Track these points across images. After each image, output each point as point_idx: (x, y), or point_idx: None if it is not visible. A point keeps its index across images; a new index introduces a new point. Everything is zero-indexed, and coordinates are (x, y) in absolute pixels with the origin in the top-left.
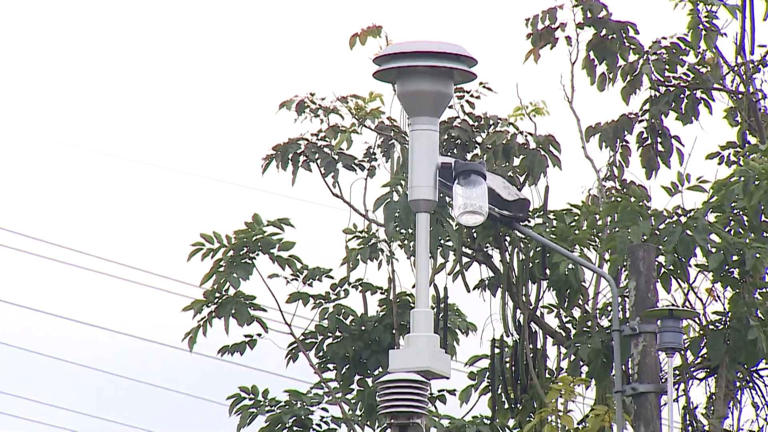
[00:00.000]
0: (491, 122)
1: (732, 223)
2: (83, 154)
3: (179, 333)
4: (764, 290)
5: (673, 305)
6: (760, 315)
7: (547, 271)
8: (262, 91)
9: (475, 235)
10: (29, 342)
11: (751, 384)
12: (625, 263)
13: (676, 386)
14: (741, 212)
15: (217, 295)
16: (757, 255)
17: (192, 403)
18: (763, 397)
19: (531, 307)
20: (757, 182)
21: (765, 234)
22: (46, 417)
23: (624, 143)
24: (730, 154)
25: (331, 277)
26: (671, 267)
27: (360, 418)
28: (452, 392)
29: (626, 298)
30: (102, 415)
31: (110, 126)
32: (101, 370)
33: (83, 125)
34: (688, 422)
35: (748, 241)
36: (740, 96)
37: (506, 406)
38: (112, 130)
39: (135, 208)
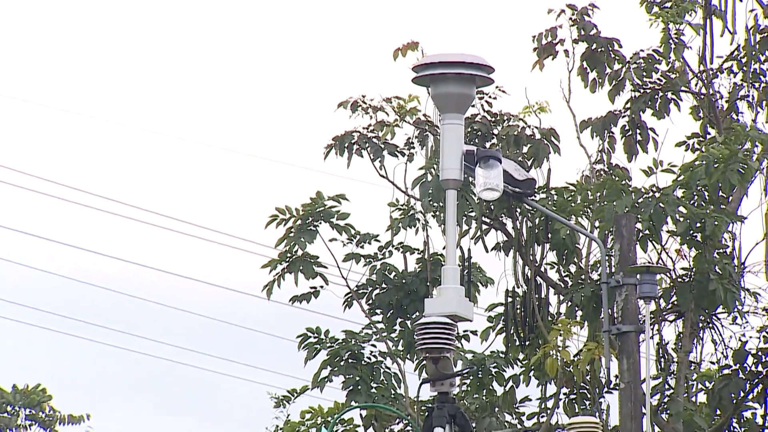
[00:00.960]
0: (505, 118)
1: (695, 197)
2: (184, 144)
3: (259, 285)
4: (721, 251)
5: (649, 263)
6: (718, 270)
7: (549, 235)
8: (323, 93)
9: (492, 207)
10: (139, 290)
11: (711, 325)
12: (611, 229)
13: (652, 327)
14: (703, 189)
15: (288, 255)
16: (716, 223)
17: (270, 341)
18: (721, 335)
19: (536, 265)
20: (716, 165)
21: (722, 206)
22: (147, 349)
23: (610, 134)
24: (694, 143)
25: (378, 241)
26: (647, 232)
27: (401, 353)
28: (474, 332)
29: (612, 257)
30: (197, 350)
31: (209, 120)
32: (198, 314)
33: (183, 118)
34: (660, 355)
35: (708, 212)
36: (702, 96)
37: (517, 343)
38: (212, 125)
39: (228, 187)
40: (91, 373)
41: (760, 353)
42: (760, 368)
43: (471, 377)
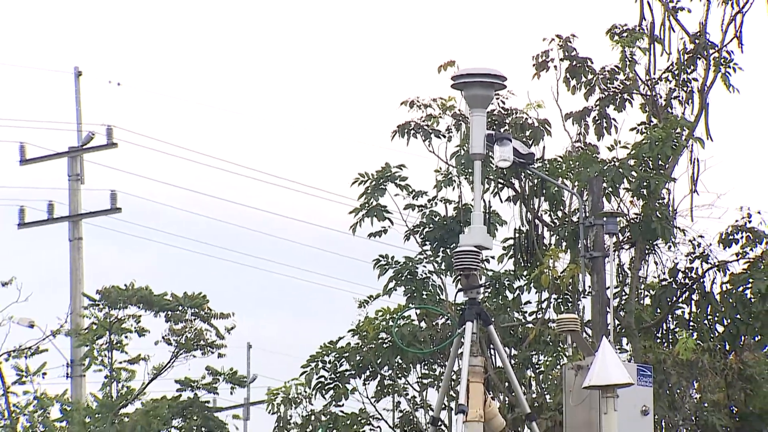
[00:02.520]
0: (513, 112)
1: (643, 165)
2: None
3: (347, 225)
4: (660, 201)
5: (611, 210)
6: (658, 215)
7: (544, 191)
8: (390, 96)
9: (505, 172)
10: (271, 229)
11: (653, 251)
12: (585, 187)
13: (613, 253)
14: (648, 159)
15: (367, 205)
16: (657, 182)
17: (354, 263)
18: (660, 258)
19: (535, 211)
20: (657, 143)
21: (661, 171)
22: (274, 268)
23: (585, 123)
24: (642, 128)
25: (427, 195)
26: (610, 189)
27: (443, 271)
28: (493, 257)
29: (586, 206)
30: (309, 269)
31: (315, 112)
32: (309, 246)
33: (300, 109)
34: (619, 272)
35: (651, 175)
36: (648, 97)
37: (522, 264)
38: (316, 120)
39: (327, 159)
40: (236, 286)
41: (686, 270)
42: (686, 281)
43: (491, 287)
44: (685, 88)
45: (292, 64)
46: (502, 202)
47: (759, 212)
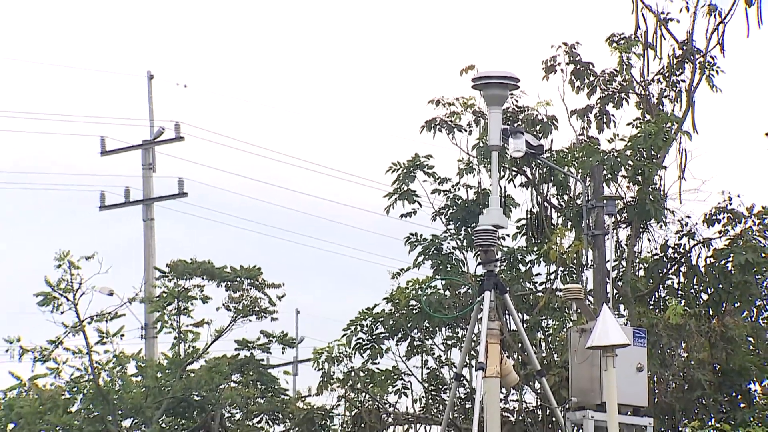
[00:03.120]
0: (525, 109)
1: (638, 155)
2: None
3: (382, 207)
4: (653, 186)
5: (610, 194)
6: (651, 198)
7: (552, 178)
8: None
9: (518, 161)
10: (316, 209)
11: (647, 230)
12: (588, 174)
13: (612, 231)
14: (643, 150)
15: (399, 190)
16: (650, 170)
17: (388, 241)
18: (653, 235)
19: (544, 195)
20: (650, 136)
21: (654, 160)
22: (321, 245)
23: (588, 118)
24: (637, 123)
25: (451, 181)
26: (610, 175)
27: (465, 247)
28: (508, 235)
29: (589, 191)
30: (351, 246)
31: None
32: (349, 225)
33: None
34: (617, 248)
35: (645, 164)
36: (642, 96)
37: (533, 242)
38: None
39: (365, 150)
40: (287, 260)
41: (675, 246)
42: (675, 255)
43: (506, 261)
44: (674, 88)
45: (336, 68)
46: (515, 187)
47: (738, 195)
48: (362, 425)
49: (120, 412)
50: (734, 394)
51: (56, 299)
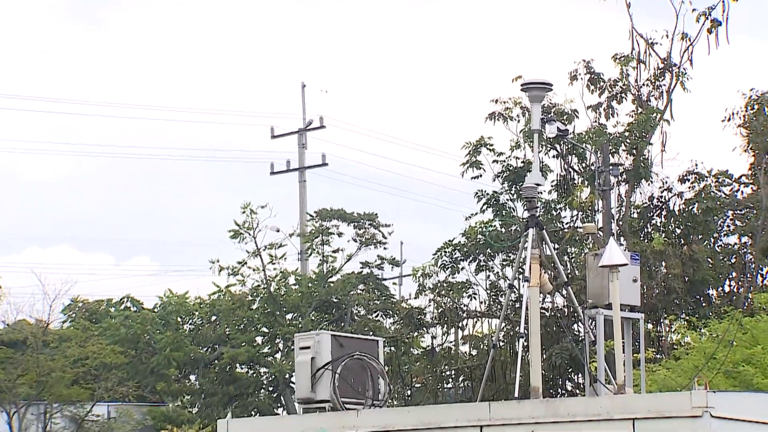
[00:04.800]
0: (556, 104)
1: (633, 135)
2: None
3: (459, 172)
4: (644, 156)
5: (613, 162)
6: (642, 164)
7: (575, 151)
8: (484, 95)
9: (551, 140)
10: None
11: (639, 186)
12: (600, 149)
13: (616, 187)
14: (636, 132)
15: (470, 160)
16: (641, 145)
17: (463, 195)
18: (643, 190)
19: (569, 163)
20: (641, 123)
21: (644, 139)
22: None
23: (599, 111)
24: (633, 114)
25: (504, 154)
26: (613, 149)
27: (515, 199)
28: (545, 191)
29: (599, 160)
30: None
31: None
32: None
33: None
34: (618, 199)
35: (639, 141)
36: (636, 95)
37: (561, 195)
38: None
39: (444, 134)
40: (395, 209)
41: (659, 197)
42: (658, 203)
43: (543, 208)
44: (658, 90)
45: (426, 78)
46: (549, 158)
47: (702, 162)
48: (445, 319)
49: (284, 309)
50: (698, 297)
51: (242, 234)
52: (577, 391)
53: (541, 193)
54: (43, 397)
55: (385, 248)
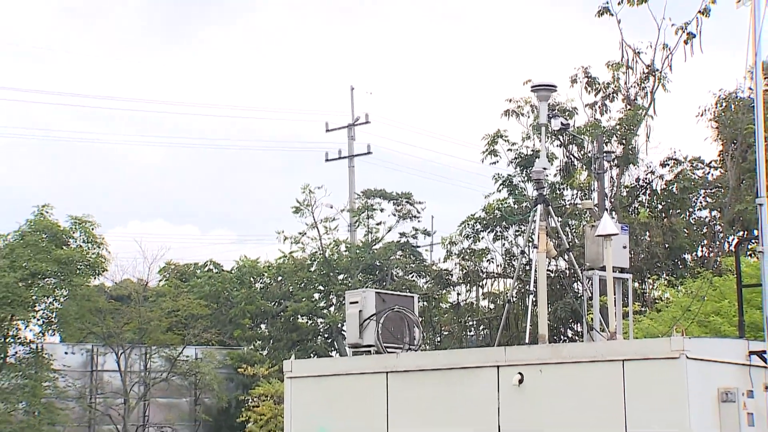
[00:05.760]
0: (559, 103)
1: (623, 128)
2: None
3: (479, 158)
4: (632, 145)
5: (607, 150)
6: (631, 151)
7: (575, 141)
8: (500, 95)
9: (556, 132)
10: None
11: (628, 169)
12: (596, 139)
13: (609, 170)
14: (625, 125)
15: (488, 149)
16: (629, 136)
17: (482, 177)
18: (631, 173)
19: (570, 151)
20: (630, 117)
21: (632, 130)
22: None
23: (594, 108)
24: (622, 110)
25: (517, 144)
26: (607, 140)
27: (526, 180)
28: (550, 174)
29: (595, 148)
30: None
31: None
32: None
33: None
34: (610, 180)
35: (627, 133)
36: (625, 95)
37: (564, 177)
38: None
39: (473, 127)
40: (429, 190)
41: (644, 179)
42: (644, 183)
43: (549, 188)
44: (643, 91)
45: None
46: (554, 147)
47: (679, 150)
48: (468, 279)
49: (336, 271)
50: (676, 260)
51: (302, 210)
52: (577, 338)
53: (547, 176)
54: (143, 341)
55: (419, 221)
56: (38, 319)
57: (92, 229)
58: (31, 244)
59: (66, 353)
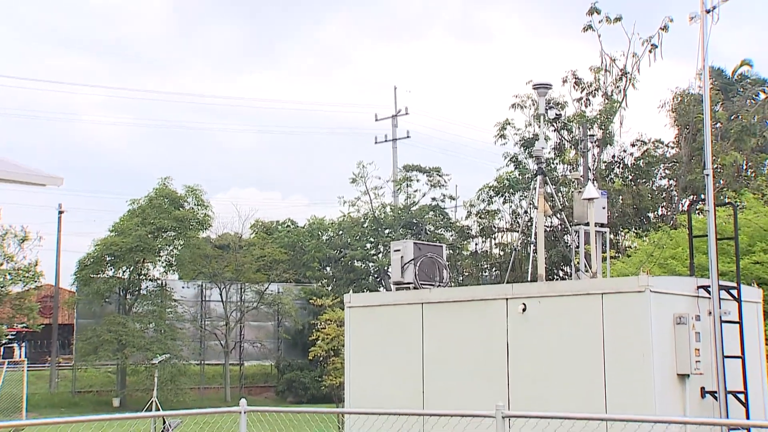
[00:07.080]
0: (554, 98)
1: (603, 117)
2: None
3: (493, 140)
4: (610, 130)
5: (591, 134)
6: (609, 135)
7: (566, 127)
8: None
9: (552, 119)
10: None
11: (606, 148)
12: (581, 125)
13: (592, 150)
14: (605, 115)
15: (499, 133)
16: (608, 123)
17: (496, 156)
18: (608, 151)
19: (562, 135)
20: (608, 109)
21: (609, 119)
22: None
23: (581, 102)
24: (602, 104)
25: (522, 129)
26: (590, 126)
27: (529, 157)
28: (547, 151)
29: (582, 133)
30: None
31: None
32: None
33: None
34: (593, 158)
35: (606, 121)
36: (604, 93)
37: (557, 154)
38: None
39: (488, 116)
40: (453, 163)
41: (619, 156)
42: (618, 161)
43: (546, 162)
44: (618, 89)
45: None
46: (550, 131)
47: (645, 133)
48: (483, 233)
49: (383, 227)
50: (642, 218)
51: (356, 180)
52: (567, 277)
53: (545, 153)
54: (239, 279)
55: (446, 189)
56: (162, 262)
57: (201, 195)
58: (156, 206)
59: (183, 287)
